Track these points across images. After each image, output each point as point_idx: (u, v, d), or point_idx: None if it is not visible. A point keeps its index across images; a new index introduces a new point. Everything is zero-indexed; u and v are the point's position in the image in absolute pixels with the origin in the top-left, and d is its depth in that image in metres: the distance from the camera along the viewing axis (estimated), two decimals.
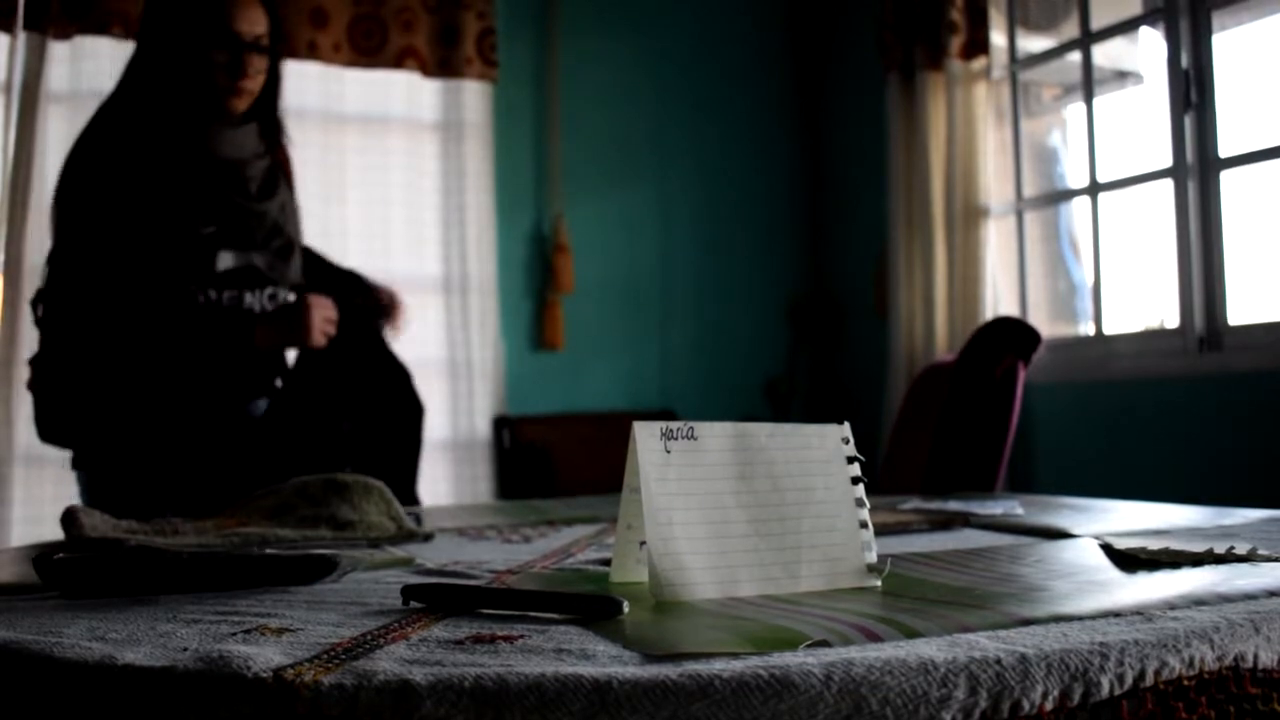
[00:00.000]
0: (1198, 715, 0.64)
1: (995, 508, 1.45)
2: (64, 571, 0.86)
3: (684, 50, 4.05)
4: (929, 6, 3.39)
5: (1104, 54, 3.20)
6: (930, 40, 3.39)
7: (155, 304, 1.84)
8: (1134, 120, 3.16)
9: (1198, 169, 2.79)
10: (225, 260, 1.90)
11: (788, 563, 0.82)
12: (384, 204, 3.53)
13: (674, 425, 0.83)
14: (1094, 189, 3.09)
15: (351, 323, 2.02)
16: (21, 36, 2.98)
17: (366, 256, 3.28)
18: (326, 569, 0.91)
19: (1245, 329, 2.70)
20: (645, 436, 0.82)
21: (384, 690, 0.55)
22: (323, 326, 1.92)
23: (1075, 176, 3.40)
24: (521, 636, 0.67)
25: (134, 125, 1.88)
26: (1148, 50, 3.14)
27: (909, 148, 3.50)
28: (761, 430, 0.86)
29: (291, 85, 3.43)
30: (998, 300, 3.34)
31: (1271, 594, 0.76)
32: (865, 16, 3.81)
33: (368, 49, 3.52)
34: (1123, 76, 3.28)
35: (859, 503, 0.87)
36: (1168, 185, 2.86)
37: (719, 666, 0.57)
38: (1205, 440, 2.70)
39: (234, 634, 0.68)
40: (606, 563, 0.95)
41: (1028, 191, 3.39)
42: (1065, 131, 3.54)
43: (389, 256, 3.49)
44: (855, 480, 0.88)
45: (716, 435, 0.84)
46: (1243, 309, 2.73)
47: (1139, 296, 3.15)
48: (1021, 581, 0.85)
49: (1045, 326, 3.31)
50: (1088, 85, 3.11)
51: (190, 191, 1.87)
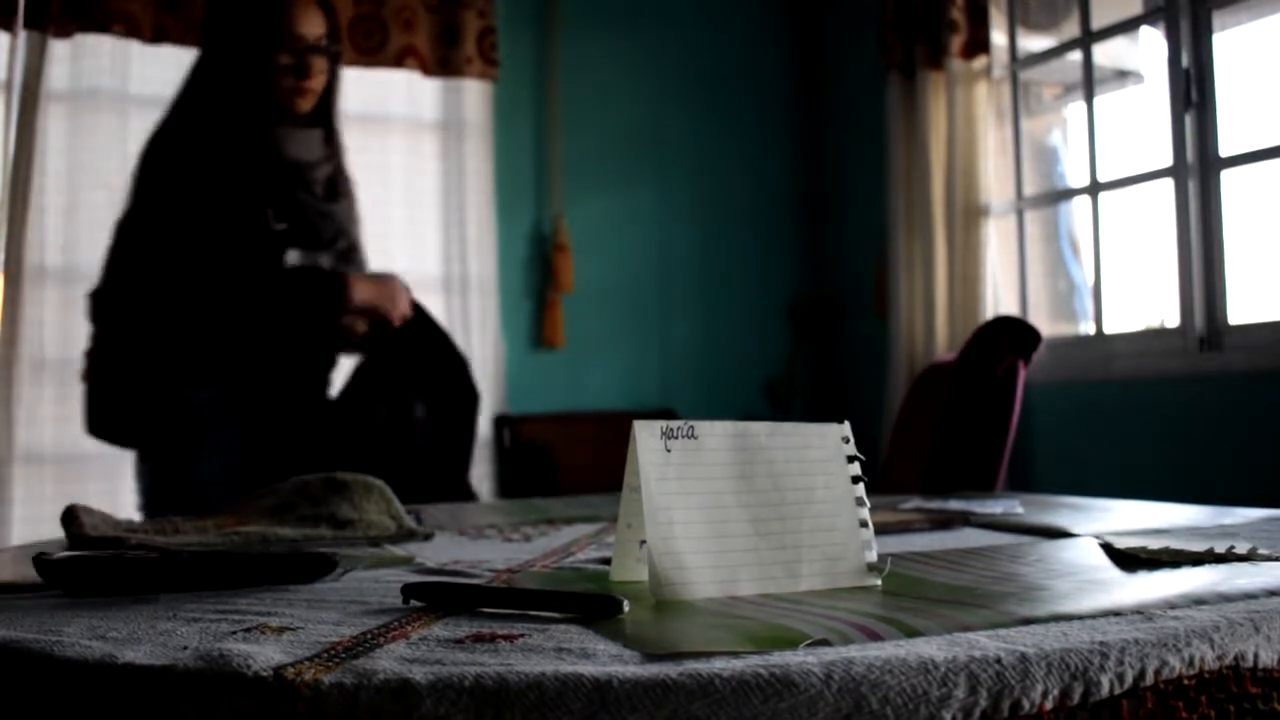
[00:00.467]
0: (1198, 715, 0.64)
1: (995, 507, 1.45)
2: (64, 570, 0.86)
3: (684, 50, 4.05)
4: (929, 6, 3.39)
5: (1104, 53, 3.20)
6: (931, 39, 3.39)
7: (244, 269, 1.88)
8: (1134, 120, 3.16)
9: (1198, 168, 2.79)
10: (293, 258, 1.93)
11: (788, 562, 0.82)
12: (384, 203, 3.53)
13: (674, 424, 0.83)
14: (1094, 188, 3.09)
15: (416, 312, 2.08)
16: (22, 35, 2.98)
17: (367, 255, 3.29)
18: (326, 568, 0.91)
19: (1245, 329, 2.69)
20: (645, 435, 0.82)
21: (384, 689, 0.55)
22: (404, 303, 1.96)
23: (1075, 176, 3.40)
24: (521, 635, 0.67)
25: (204, 125, 1.94)
26: (1148, 50, 3.14)
27: (909, 147, 3.50)
28: (762, 429, 0.86)
29: None
30: (998, 300, 3.33)
31: (1272, 593, 0.76)
32: (865, 16, 3.81)
33: (368, 48, 3.52)
34: (1123, 76, 3.27)
35: (859, 502, 0.87)
36: (1168, 185, 2.86)
37: (719, 665, 0.57)
38: (1205, 440, 2.70)
39: (234, 633, 0.68)
40: (606, 562, 0.95)
41: (1028, 191, 3.39)
42: (1065, 131, 3.54)
43: (389, 256, 3.48)
44: (855, 479, 0.88)
45: (717, 434, 0.84)
46: (1243, 309, 2.73)
47: (1139, 296, 3.15)
48: (1021, 581, 0.85)
49: (1045, 326, 3.31)
50: (1088, 85, 3.11)
51: (260, 188, 1.90)
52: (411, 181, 3.61)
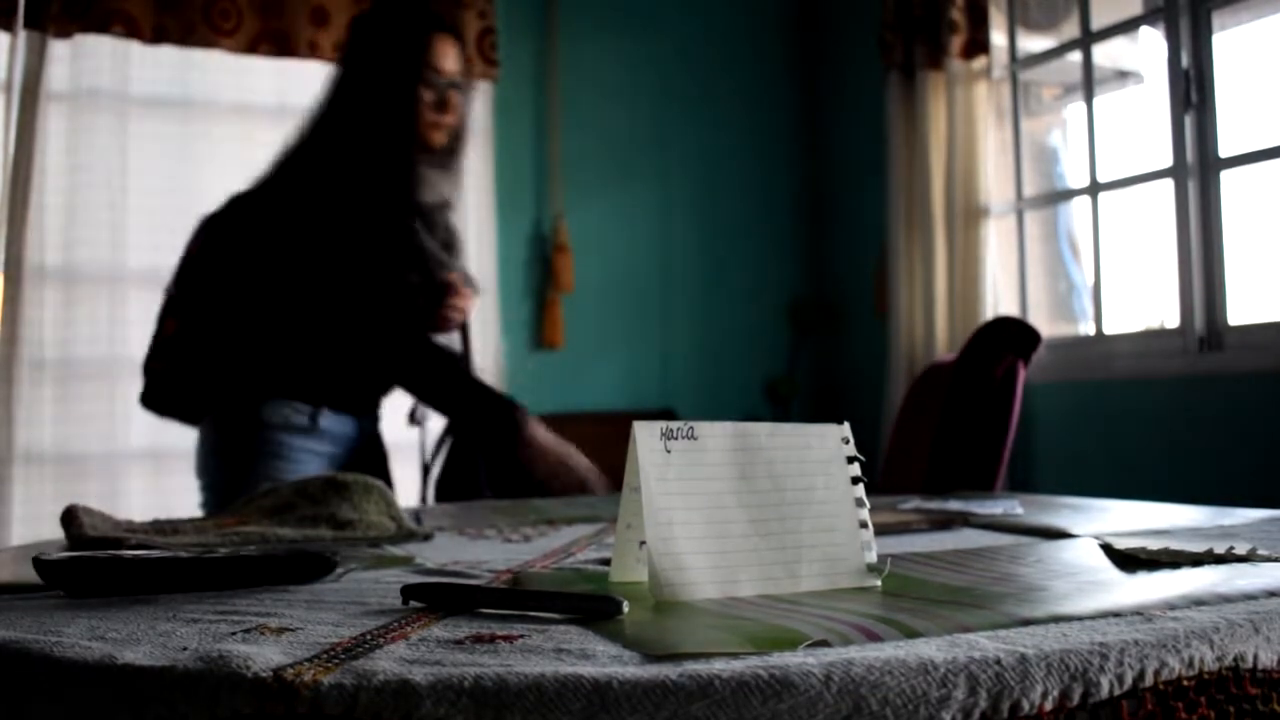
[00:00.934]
0: (1197, 715, 0.64)
1: (995, 507, 1.45)
2: (64, 571, 0.86)
3: (684, 50, 4.05)
4: (929, 6, 3.39)
5: (1104, 54, 3.20)
6: (931, 40, 3.39)
7: (387, 327, 1.98)
8: (1134, 120, 3.16)
9: (1198, 169, 2.79)
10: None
11: (788, 562, 0.82)
12: None
13: (674, 425, 0.83)
14: (1094, 189, 3.09)
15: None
16: (22, 35, 2.98)
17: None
18: (326, 568, 0.92)
19: (1245, 329, 2.69)
20: (645, 436, 0.82)
21: (384, 690, 0.55)
22: (455, 311, 2.02)
23: (1075, 176, 3.40)
24: (521, 636, 0.67)
25: (349, 157, 1.96)
26: (1148, 50, 3.14)
27: (909, 147, 3.50)
28: (762, 430, 0.86)
29: (291, 85, 3.47)
30: (998, 300, 3.33)
31: (1271, 594, 0.76)
32: (865, 16, 3.80)
33: None
34: (1123, 76, 3.28)
35: (859, 502, 0.87)
36: (1168, 185, 2.86)
37: (719, 666, 0.57)
38: (1205, 440, 2.70)
39: (234, 633, 0.68)
40: (606, 562, 0.95)
41: (1028, 191, 3.39)
42: (1065, 131, 3.54)
43: None
44: (855, 480, 0.88)
45: (717, 435, 0.84)
46: (1243, 309, 2.73)
47: (1139, 296, 3.15)
48: (1021, 581, 0.85)
49: (1045, 326, 3.31)
50: (1088, 85, 3.11)
51: (401, 239, 1.95)
52: None
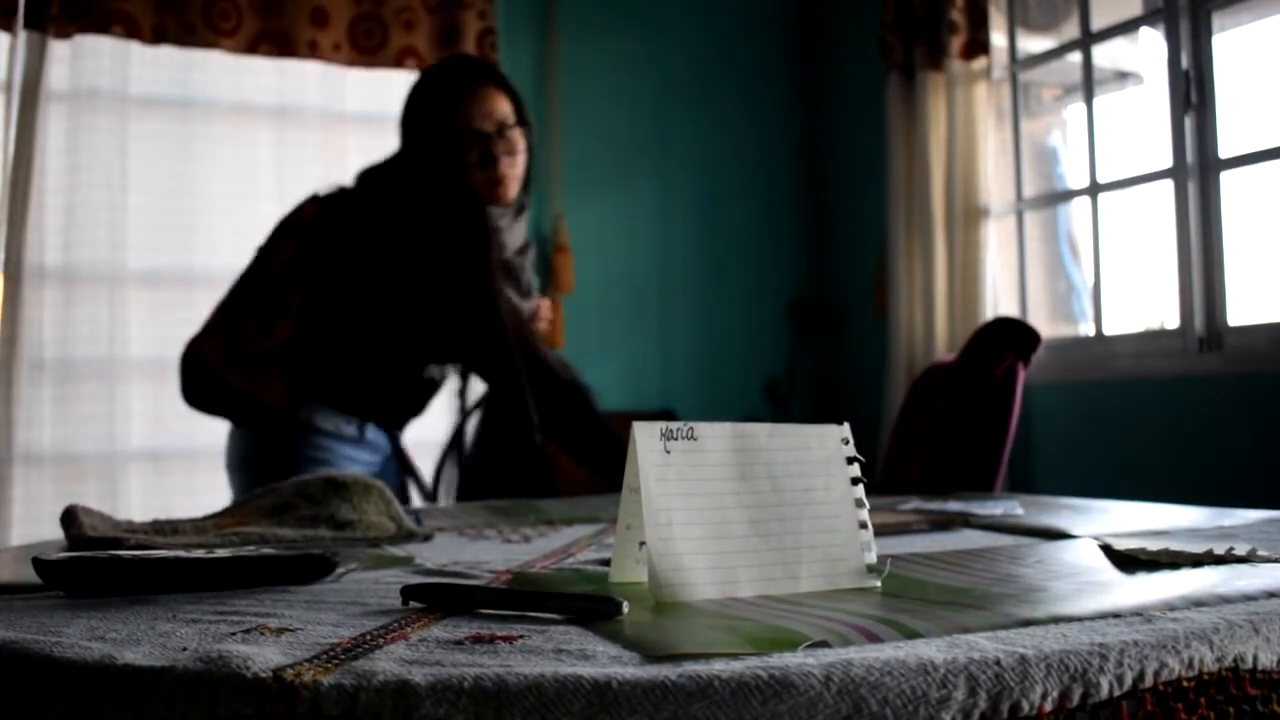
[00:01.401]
0: (1197, 716, 0.64)
1: (995, 508, 1.45)
2: (64, 571, 0.86)
3: (684, 50, 4.05)
4: (929, 7, 3.39)
5: (1104, 54, 3.20)
6: (930, 40, 3.39)
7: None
8: (1134, 121, 3.16)
9: (1198, 170, 2.79)
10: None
11: (787, 563, 0.82)
12: None
13: (674, 425, 0.83)
14: (1094, 189, 3.09)
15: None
16: (22, 36, 2.98)
17: None
18: (326, 569, 0.91)
19: (1245, 329, 2.69)
20: (645, 437, 0.82)
21: (383, 690, 0.55)
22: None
23: (1075, 177, 3.40)
24: (521, 637, 0.67)
25: (420, 218, 1.99)
26: (1148, 51, 3.14)
27: (909, 148, 3.50)
28: (761, 431, 0.86)
29: (291, 85, 3.47)
30: (998, 300, 3.33)
31: (1271, 595, 0.76)
32: (865, 16, 3.81)
33: (368, 48, 3.52)
34: (1123, 77, 3.28)
35: (859, 503, 0.87)
36: (1168, 186, 2.86)
37: (719, 667, 0.57)
38: (1205, 441, 2.70)
39: (233, 634, 0.68)
40: (606, 563, 0.95)
41: (1028, 192, 3.39)
42: (1065, 132, 3.54)
43: None
44: (855, 481, 0.88)
45: (716, 436, 0.84)
46: (1243, 309, 2.73)
47: (1139, 297, 3.15)
48: (1021, 582, 0.85)
49: (1045, 327, 3.31)
50: (1088, 86, 3.11)
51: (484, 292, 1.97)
52: None
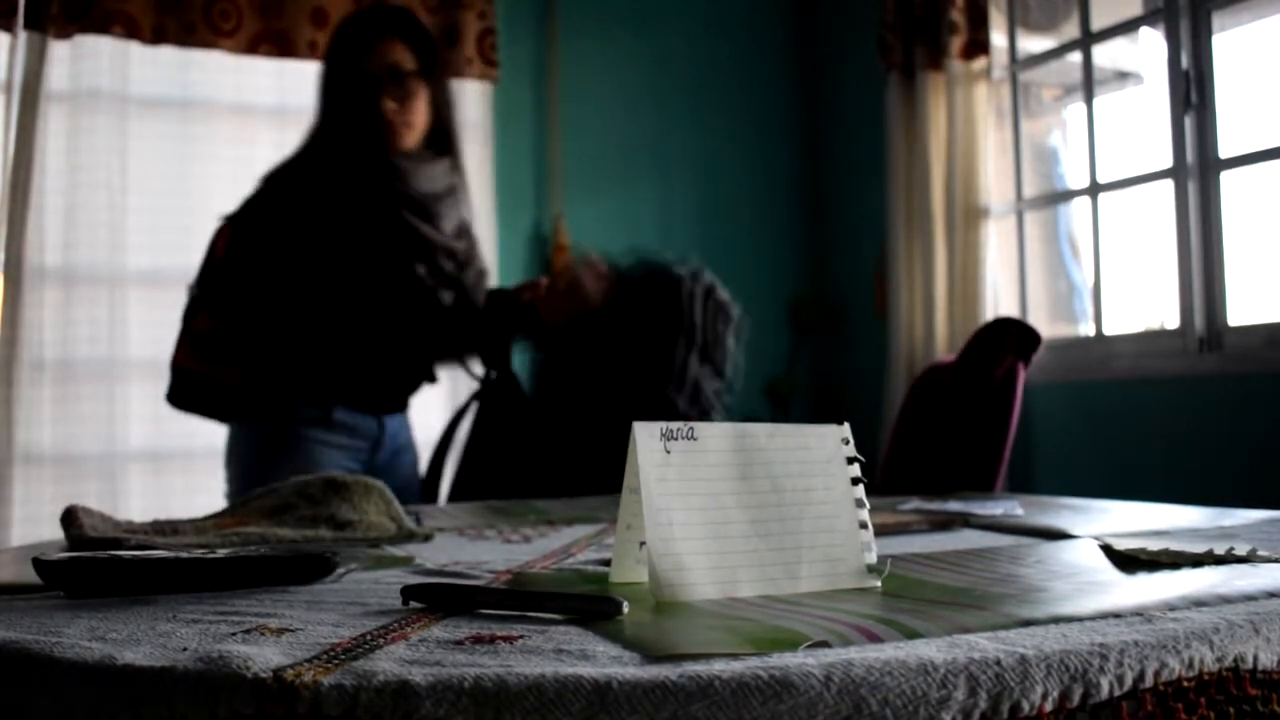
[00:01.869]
0: (1197, 716, 0.64)
1: (995, 508, 1.45)
2: (64, 571, 0.86)
3: (684, 50, 4.05)
4: (929, 7, 3.39)
5: (1104, 54, 3.20)
6: (931, 40, 3.39)
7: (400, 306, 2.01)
8: (1134, 121, 3.16)
9: (1198, 170, 2.79)
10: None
11: (788, 563, 0.82)
12: None
13: (674, 426, 0.83)
14: (1094, 189, 3.09)
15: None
16: (22, 36, 2.98)
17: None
18: (326, 569, 0.91)
19: (1245, 329, 2.69)
20: (645, 437, 0.82)
21: (383, 691, 0.55)
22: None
23: (1075, 177, 3.40)
24: (521, 637, 0.67)
25: (331, 163, 2.02)
26: (1148, 51, 3.14)
27: (909, 148, 3.50)
28: (761, 431, 0.86)
29: (291, 85, 3.47)
30: (998, 301, 3.33)
31: (1271, 595, 0.76)
32: (865, 16, 3.80)
33: None
34: (1123, 77, 3.27)
35: (859, 503, 0.87)
36: (1168, 186, 2.86)
37: (719, 667, 0.57)
38: (1205, 441, 2.70)
39: (233, 634, 0.68)
40: (606, 563, 0.95)
41: (1028, 192, 3.39)
42: (1065, 132, 3.54)
43: None
44: (855, 481, 0.88)
45: (716, 436, 0.84)
46: (1243, 309, 2.73)
47: (1139, 297, 3.15)
48: (1021, 582, 0.85)
49: (1045, 327, 3.31)
50: (1088, 86, 3.11)
51: (394, 230, 1.97)
52: None
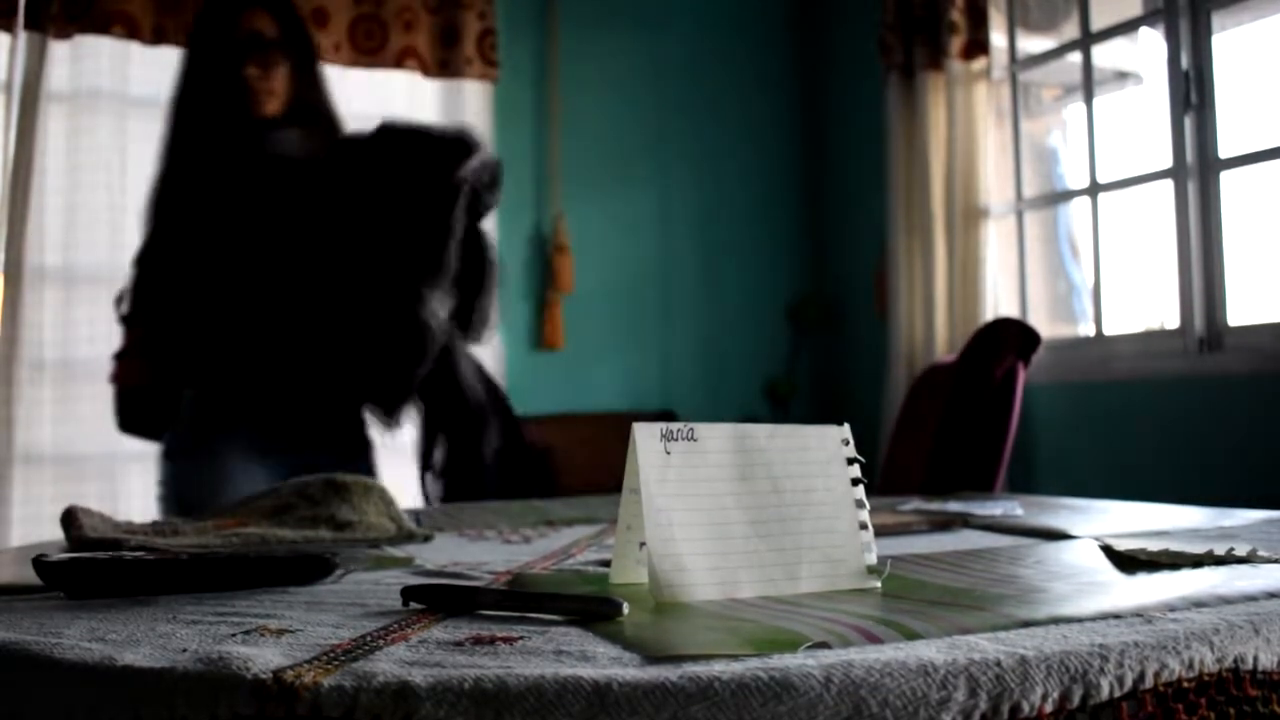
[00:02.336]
0: (1197, 717, 0.64)
1: (995, 509, 1.45)
2: (64, 572, 0.86)
3: (684, 50, 4.05)
4: (929, 7, 3.39)
5: (1104, 55, 3.20)
6: (930, 40, 3.39)
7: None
8: (1134, 121, 3.16)
9: (1198, 170, 2.79)
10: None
11: (788, 564, 0.82)
12: None
13: (674, 426, 0.83)
14: (1094, 189, 3.09)
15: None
16: (22, 36, 2.98)
17: None
18: (326, 570, 0.91)
19: (1245, 330, 2.69)
20: (645, 437, 0.82)
21: (383, 692, 0.55)
22: None
23: (1075, 177, 3.40)
24: (521, 638, 0.67)
25: (193, 131, 1.99)
26: (1148, 51, 3.14)
27: (909, 148, 3.50)
28: (761, 431, 0.86)
29: None
30: (998, 301, 3.34)
31: (1271, 596, 0.76)
32: (865, 16, 3.81)
33: (368, 49, 3.52)
34: (1123, 77, 3.28)
35: (859, 504, 0.87)
36: (1168, 186, 2.86)
37: (719, 668, 0.57)
38: (1205, 441, 2.70)
39: (233, 635, 0.68)
40: (606, 564, 0.95)
41: (1028, 192, 3.39)
42: (1065, 132, 3.54)
43: None
44: (855, 481, 0.88)
45: (716, 436, 0.84)
46: (1243, 310, 2.73)
47: (1139, 297, 3.15)
48: (1021, 583, 0.85)
49: (1045, 327, 3.31)
50: (1088, 86, 3.11)
51: (261, 194, 1.92)
52: None
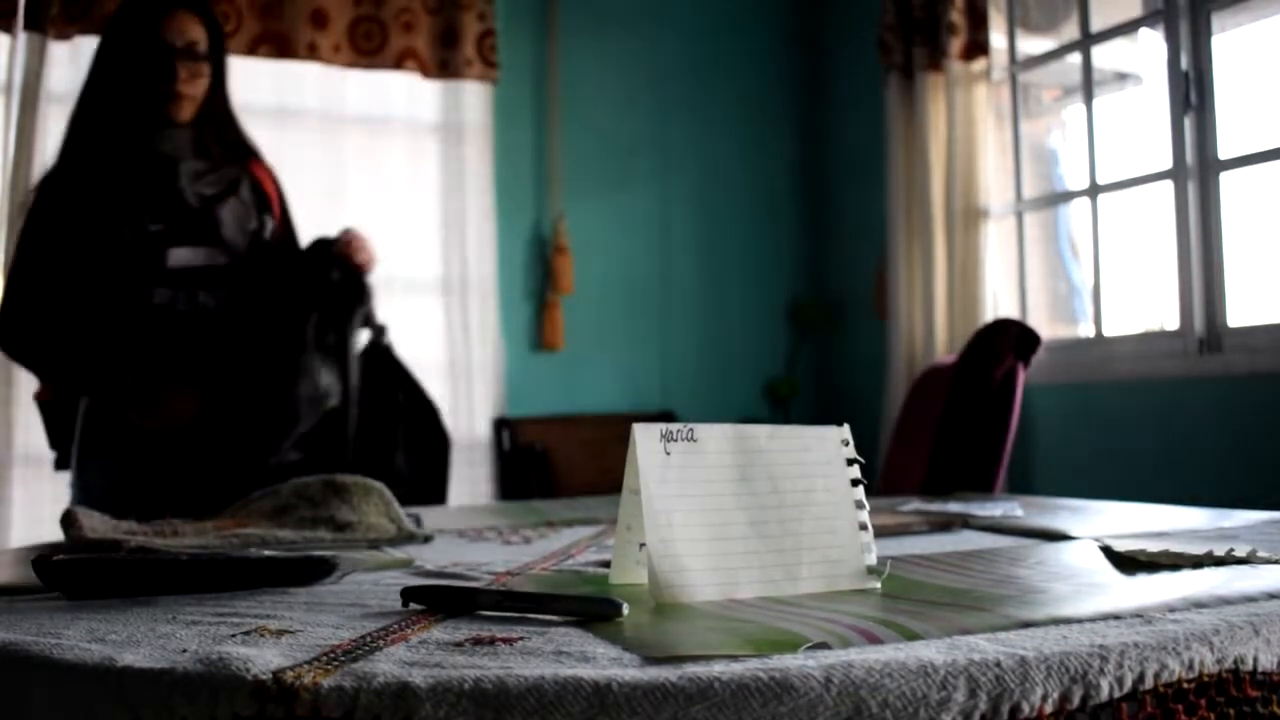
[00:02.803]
0: (1197, 718, 0.64)
1: (995, 509, 1.45)
2: (64, 573, 0.86)
3: (684, 51, 4.05)
4: (929, 8, 3.40)
5: (1104, 55, 3.20)
6: (930, 41, 3.39)
7: (120, 274, 1.89)
8: (1134, 122, 3.16)
9: (1197, 170, 2.79)
10: (177, 257, 1.92)
11: (787, 565, 0.82)
12: (384, 205, 3.53)
13: (674, 427, 0.83)
14: (1094, 190, 3.09)
15: (381, 353, 2.08)
16: (21, 37, 2.98)
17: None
18: (326, 570, 0.91)
19: (1245, 331, 2.69)
20: (645, 438, 0.82)
21: (383, 692, 0.55)
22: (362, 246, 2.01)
23: (1075, 178, 3.40)
24: (521, 639, 0.67)
25: (86, 129, 1.97)
26: (1147, 52, 3.14)
27: (909, 149, 3.50)
28: (761, 432, 0.86)
29: (291, 86, 3.47)
30: (997, 302, 3.34)
31: (1271, 596, 0.76)
32: (865, 17, 3.81)
33: (368, 50, 3.52)
34: (1122, 78, 3.28)
35: (859, 504, 0.87)
36: (1167, 187, 2.86)
37: (719, 669, 0.57)
38: (1205, 442, 2.70)
39: (233, 635, 0.68)
40: (606, 564, 0.95)
41: (1027, 193, 3.39)
42: (1065, 133, 3.54)
43: (388, 257, 3.48)
44: (855, 482, 0.88)
45: (716, 437, 0.84)
46: (1242, 311, 2.73)
47: (1139, 298, 3.15)
48: (1021, 584, 0.85)
49: (1045, 328, 3.31)
50: (1087, 87, 3.11)
51: (131, 186, 1.90)
52: (411, 183, 3.61)
